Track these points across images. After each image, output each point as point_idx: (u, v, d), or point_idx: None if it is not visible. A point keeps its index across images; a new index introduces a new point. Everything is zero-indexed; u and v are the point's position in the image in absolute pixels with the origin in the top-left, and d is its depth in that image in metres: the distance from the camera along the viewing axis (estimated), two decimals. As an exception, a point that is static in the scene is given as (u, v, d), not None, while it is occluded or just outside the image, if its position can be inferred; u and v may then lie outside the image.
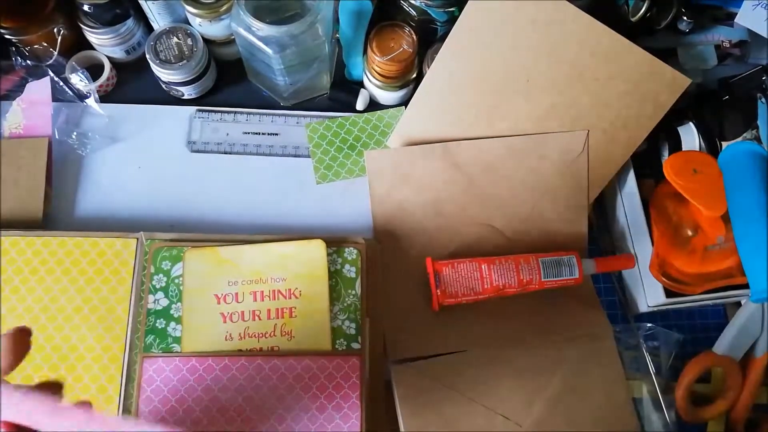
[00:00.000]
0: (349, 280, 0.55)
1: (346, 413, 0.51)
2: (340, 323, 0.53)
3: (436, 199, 0.59)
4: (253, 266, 0.53)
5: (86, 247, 0.55)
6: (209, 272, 0.53)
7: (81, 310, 0.53)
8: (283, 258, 0.54)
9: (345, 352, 0.53)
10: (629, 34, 0.56)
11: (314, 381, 0.52)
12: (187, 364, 0.52)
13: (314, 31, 0.56)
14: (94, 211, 0.60)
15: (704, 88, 0.63)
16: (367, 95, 0.65)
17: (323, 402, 0.51)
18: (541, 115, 0.59)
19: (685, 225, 0.55)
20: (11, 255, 0.54)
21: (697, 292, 0.55)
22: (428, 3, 0.62)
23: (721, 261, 0.55)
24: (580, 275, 0.56)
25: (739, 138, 0.59)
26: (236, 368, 0.52)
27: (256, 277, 0.53)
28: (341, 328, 0.53)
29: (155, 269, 0.54)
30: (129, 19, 0.62)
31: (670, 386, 0.57)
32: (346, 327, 0.53)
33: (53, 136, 0.60)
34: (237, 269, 0.53)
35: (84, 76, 0.62)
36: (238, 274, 0.53)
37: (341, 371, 0.52)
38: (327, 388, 0.52)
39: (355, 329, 0.53)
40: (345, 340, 0.53)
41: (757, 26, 0.60)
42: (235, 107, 0.64)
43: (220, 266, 0.53)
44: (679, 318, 0.61)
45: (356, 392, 0.52)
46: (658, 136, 0.61)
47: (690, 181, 0.53)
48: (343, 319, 0.54)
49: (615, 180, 0.60)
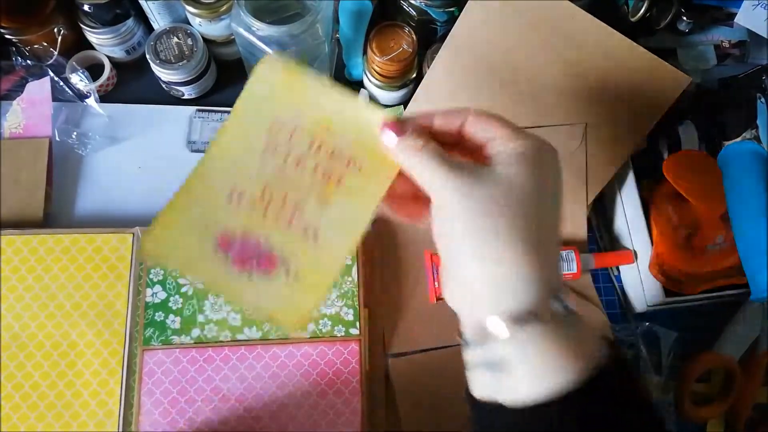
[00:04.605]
0: (345, 267, 0.55)
1: (347, 398, 0.52)
2: (338, 309, 0.54)
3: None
4: (324, 112, 0.38)
5: (83, 243, 0.55)
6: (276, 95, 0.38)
7: (80, 306, 0.53)
8: (359, 129, 0.38)
9: (344, 338, 0.53)
10: (629, 34, 0.56)
11: (314, 367, 0.53)
12: (187, 355, 0.52)
13: (314, 31, 0.56)
14: (95, 211, 0.60)
15: (704, 88, 0.63)
16: (367, 95, 0.65)
17: (324, 388, 0.52)
18: (542, 115, 0.59)
19: (685, 225, 0.55)
20: (8, 254, 0.54)
21: (696, 292, 0.55)
22: (428, 3, 0.62)
23: (720, 261, 0.55)
24: (578, 270, 0.56)
25: (739, 138, 0.59)
26: (236, 357, 0.53)
27: (324, 131, 0.38)
28: (339, 315, 0.54)
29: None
30: (129, 19, 0.62)
31: (669, 386, 0.57)
32: (344, 313, 0.54)
33: (53, 136, 0.60)
34: (307, 104, 0.38)
35: (84, 76, 0.62)
36: (304, 111, 0.38)
37: (341, 357, 0.53)
38: (327, 374, 0.53)
39: (353, 315, 0.54)
40: (343, 326, 0.54)
41: (756, 26, 0.60)
42: (235, 107, 0.64)
43: (292, 90, 0.38)
44: (678, 318, 0.61)
45: (356, 377, 0.52)
46: (658, 136, 0.61)
47: (690, 181, 0.53)
48: (341, 306, 0.54)
49: (615, 180, 0.60)
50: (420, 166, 0.33)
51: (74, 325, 0.53)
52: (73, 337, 0.53)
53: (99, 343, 0.53)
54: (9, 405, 0.51)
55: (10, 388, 0.51)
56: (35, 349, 0.52)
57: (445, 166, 0.32)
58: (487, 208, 0.31)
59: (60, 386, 0.52)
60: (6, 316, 0.53)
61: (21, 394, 0.51)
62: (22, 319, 0.53)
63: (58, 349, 0.52)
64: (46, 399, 0.51)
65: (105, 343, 0.53)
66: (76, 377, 0.52)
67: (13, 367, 0.52)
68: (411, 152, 0.33)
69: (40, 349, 0.52)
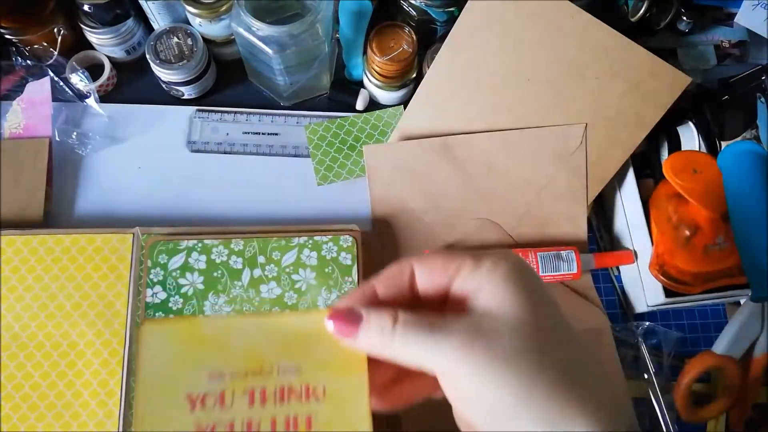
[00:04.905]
0: (346, 268, 0.55)
1: None
2: None
3: (434, 193, 0.59)
4: (250, 347, 0.32)
5: (83, 243, 0.55)
6: (181, 357, 0.33)
7: (80, 307, 0.53)
8: (297, 334, 0.32)
9: None
10: (629, 34, 0.56)
11: None
12: None
13: (314, 31, 0.56)
14: (95, 211, 0.60)
15: (704, 88, 0.63)
16: (367, 95, 0.65)
17: None
18: (542, 115, 0.59)
19: (685, 225, 0.55)
20: (8, 254, 0.54)
21: (696, 292, 0.55)
22: (428, 3, 0.62)
23: (720, 261, 0.55)
24: (578, 270, 0.56)
25: (739, 138, 0.59)
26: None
27: (255, 366, 0.32)
28: None
29: (152, 263, 0.54)
30: (129, 19, 0.62)
31: (669, 386, 0.57)
32: None
33: (53, 136, 0.60)
34: (224, 353, 0.33)
35: (84, 76, 0.62)
36: (226, 360, 0.33)
37: None
38: None
39: None
40: None
41: (756, 26, 0.60)
42: (235, 107, 0.64)
43: (200, 348, 0.33)
44: (678, 317, 0.61)
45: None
46: (658, 136, 0.61)
47: (690, 181, 0.53)
48: None
49: (615, 180, 0.60)
50: (403, 350, 0.26)
51: (74, 325, 0.53)
52: (73, 337, 0.53)
53: (99, 343, 0.52)
54: (9, 405, 0.51)
55: (10, 388, 0.51)
56: (35, 349, 0.52)
57: (436, 335, 0.25)
58: (500, 375, 0.24)
59: (60, 386, 0.51)
60: (6, 316, 0.52)
61: (21, 394, 0.51)
62: (22, 319, 0.53)
63: (58, 349, 0.52)
64: (46, 399, 0.51)
65: (105, 343, 0.53)
66: (76, 377, 0.52)
67: (13, 367, 0.52)
68: (384, 339, 0.26)
69: (40, 349, 0.52)
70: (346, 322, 0.27)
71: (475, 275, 0.26)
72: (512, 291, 0.26)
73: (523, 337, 0.25)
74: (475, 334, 0.25)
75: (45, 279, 0.54)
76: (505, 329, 0.25)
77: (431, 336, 0.25)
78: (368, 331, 0.27)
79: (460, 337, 0.25)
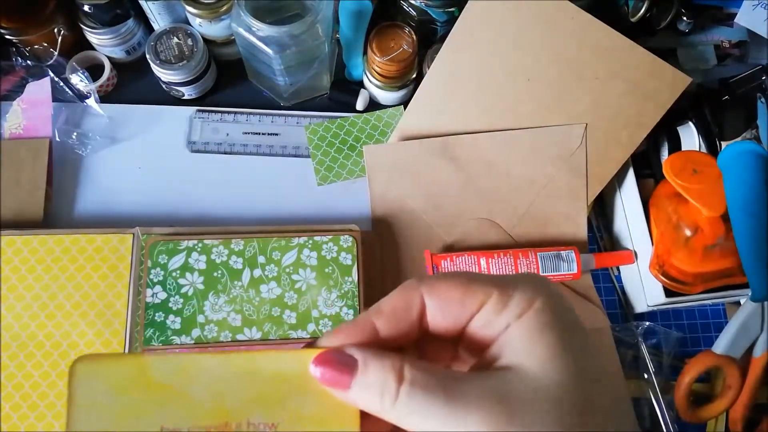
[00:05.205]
0: (346, 267, 0.55)
1: None
2: (338, 310, 0.54)
3: (434, 193, 0.59)
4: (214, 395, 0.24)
5: (83, 243, 0.55)
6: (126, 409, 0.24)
7: (80, 306, 0.53)
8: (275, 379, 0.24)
9: None
10: (629, 34, 0.56)
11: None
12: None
13: (314, 31, 0.56)
14: (95, 212, 0.60)
15: (704, 88, 0.63)
16: (367, 95, 0.65)
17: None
18: (542, 115, 0.59)
19: (685, 225, 0.55)
20: (8, 254, 0.54)
21: (696, 292, 0.55)
22: (428, 3, 0.62)
23: (720, 261, 0.54)
24: (578, 270, 0.56)
25: (739, 138, 0.59)
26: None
27: (219, 421, 0.24)
28: (339, 315, 0.54)
29: (152, 263, 0.54)
30: (129, 19, 0.62)
31: (669, 386, 0.57)
32: (344, 314, 0.54)
33: (53, 137, 0.60)
34: (182, 403, 0.24)
35: (84, 76, 0.62)
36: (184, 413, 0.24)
37: None
38: None
39: (353, 315, 0.54)
40: None
41: (756, 26, 0.60)
42: (235, 107, 0.64)
43: (150, 397, 0.24)
44: (678, 317, 0.61)
45: None
46: (658, 136, 0.61)
47: (690, 181, 0.53)
48: (341, 306, 0.54)
49: (615, 180, 0.60)
50: (409, 419, 0.20)
51: (74, 325, 0.53)
52: (73, 337, 0.53)
53: (99, 343, 0.53)
54: (9, 405, 0.51)
55: (10, 388, 0.51)
56: (35, 349, 0.52)
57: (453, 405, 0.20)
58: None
59: (60, 386, 0.51)
60: (6, 316, 0.53)
61: (21, 394, 0.51)
62: (22, 319, 0.53)
63: (58, 349, 0.52)
64: (46, 399, 0.51)
65: (105, 343, 0.53)
66: (77, 377, 0.52)
67: (13, 367, 0.52)
68: (385, 402, 0.21)
69: (40, 349, 0.52)
70: (336, 368, 0.21)
71: (502, 316, 0.21)
72: (552, 344, 0.20)
73: (569, 412, 0.20)
74: (506, 407, 0.20)
75: (45, 279, 0.54)
76: (546, 403, 0.20)
77: (447, 405, 0.20)
78: (365, 388, 0.21)
79: (487, 409, 0.20)
